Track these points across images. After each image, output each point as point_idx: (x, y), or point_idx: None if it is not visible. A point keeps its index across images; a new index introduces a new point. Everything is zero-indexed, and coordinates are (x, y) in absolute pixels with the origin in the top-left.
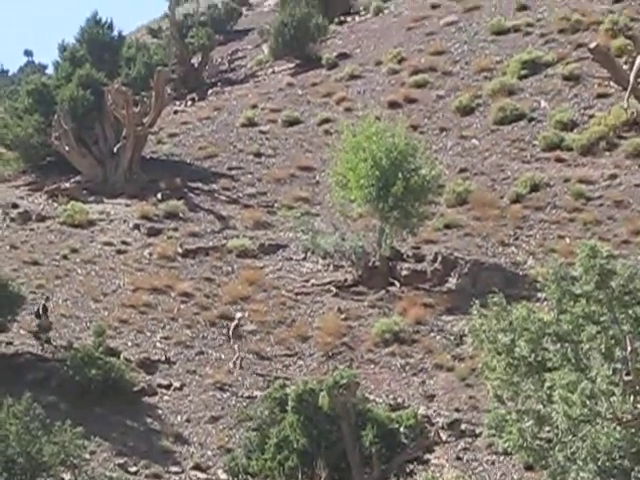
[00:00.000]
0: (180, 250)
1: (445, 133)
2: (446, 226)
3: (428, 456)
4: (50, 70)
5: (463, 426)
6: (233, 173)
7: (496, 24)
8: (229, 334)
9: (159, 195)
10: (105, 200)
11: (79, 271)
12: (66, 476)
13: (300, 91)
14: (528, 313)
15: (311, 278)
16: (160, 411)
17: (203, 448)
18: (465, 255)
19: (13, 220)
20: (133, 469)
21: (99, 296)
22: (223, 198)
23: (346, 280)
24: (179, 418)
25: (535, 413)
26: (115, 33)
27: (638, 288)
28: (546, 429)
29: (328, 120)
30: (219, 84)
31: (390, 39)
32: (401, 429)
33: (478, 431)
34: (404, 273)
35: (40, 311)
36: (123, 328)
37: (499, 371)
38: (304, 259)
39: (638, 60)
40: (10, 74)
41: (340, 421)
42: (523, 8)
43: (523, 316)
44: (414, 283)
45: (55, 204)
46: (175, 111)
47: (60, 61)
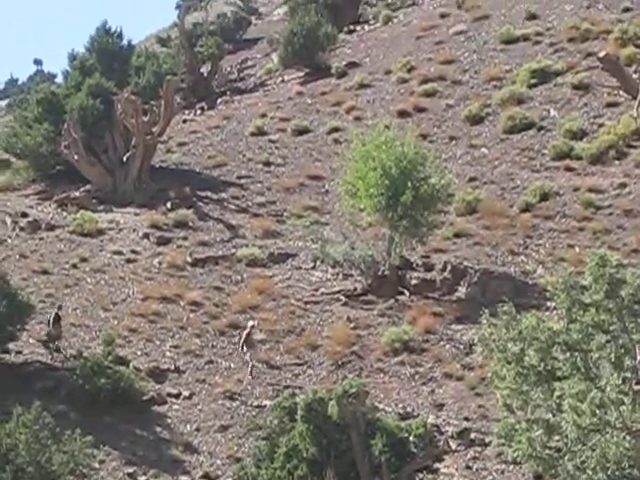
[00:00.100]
0: (189, 259)
1: (454, 142)
2: (455, 235)
3: (437, 465)
4: (59, 79)
5: (472, 435)
6: (242, 182)
7: (505, 33)
8: (241, 343)
9: (168, 204)
10: (114, 209)
11: (88, 280)
12: None
13: (309, 100)
14: (538, 322)
15: (320, 287)
16: (169, 420)
17: (212, 457)
18: (474, 264)
19: (22, 229)
20: (142, 478)
21: (108, 305)
22: (232, 207)
23: (355, 289)
24: (188, 427)
25: (544, 422)
26: (124, 42)
27: None
28: (555, 438)
29: (337, 129)
30: (228, 93)
31: (399, 48)
32: (410, 438)
33: (487, 440)
34: (413, 282)
35: (52, 320)
36: (132, 337)
37: (508, 380)
38: (313, 268)
39: None
40: (20, 83)
41: (349, 430)
42: (532, 17)
43: (533, 325)
44: (423, 292)
45: (64, 213)
46: (184, 120)
47: (70, 70)
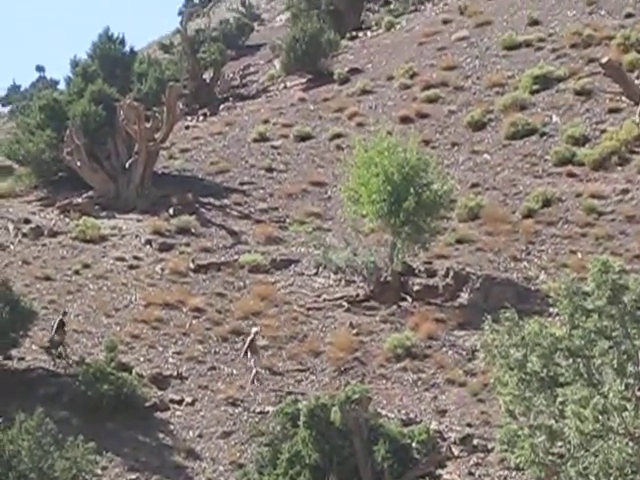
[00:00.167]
0: (192, 265)
1: (457, 148)
2: (458, 241)
3: (440, 471)
4: (62, 85)
5: (475, 441)
6: (245, 188)
7: (508, 39)
8: (245, 349)
9: (171, 210)
10: (117, 215)
11: (91, 286)
12: None
13: (312, 106)
14: (540, 328)
15: (323, 293)
16: (172, 426)
17: (215, 463)
18: (477, 270)
19: (25, 235)
20: None
21: (111, 311)
22: (235, 213)
23: (358, 295)
24: (191, 433)
25: (547, 428)
26: (127, 49)
27: None
28: (558, 444)
29: (340, 135)
30: (231, 99)
31: (402, 54)
32: (413, 444)
33: (490, 446)
34: (416, 288)
35: (57, 326)
36: (135, 343)
37: (511, 386)
38: (316, 274)
39: None
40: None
41: (352, 436)
42: (535, 23)
43: (535, 331)
44: (426, 298)
45: (67, 219)
46: (187, 126)
47: (72, 76)
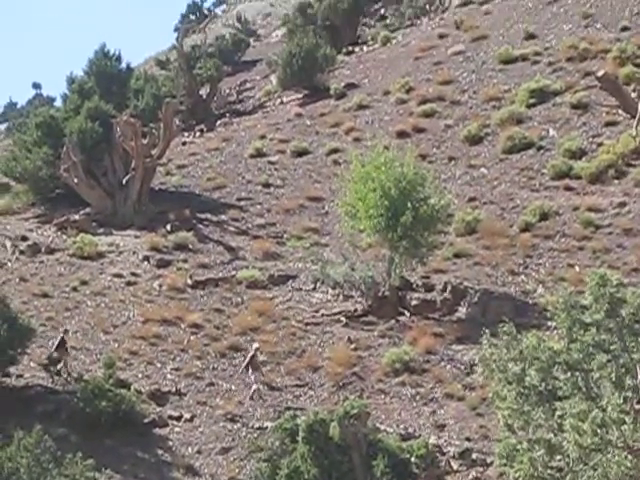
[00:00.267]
0: (190, 281)
1: (454, 162)
2: (455, 255)
3: None
4: (58, 102)
5: (474, 455)
6: (242, 204)
7: (504, 53)
8: (245, 365)
9: (168, 226)
10: (114, 232)
11: (89, 303)
12: None
13: (308, 121)
14: (538, 342)
15: (321, 308)
16: (171, 443)
17: (214, 479)
18: (475, 284)
19: (22, 252)
20: None
21: (109, 328)
22: (232, 229)
23: (356, 310)
24: (190, 449)
25: (546, 442)
26: (123, 65)
27: None
28: (557, 458)
29: (337, 150)
30: (227, 115)
31: (398, 69)
32: (412, 459)
33: (489, 460)
34: (414, 303)
35: (58, 343)
36: (133, 360)
37: (510, 400)
38: (314, 289)
39: None
40: (19, 107)
41: (351, 451)
42: (531, 37)
43: (533, 345)
44: (424, 313)
45: (64, 236)
46: (184, 142)
47: (68, 93)
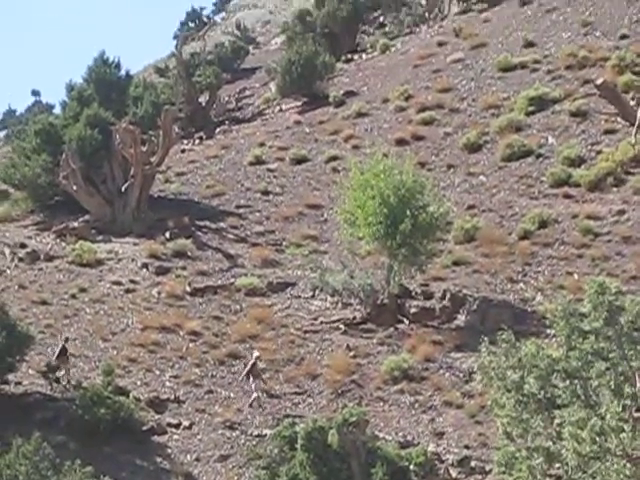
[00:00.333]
0: (188, 289)
1: (453, 170)
2: (454, 263)
3: None
4: (57, 110)
5: (473, 463)
6: (241, 211)
7: (503, 61)
8: (246, 373)
9: (167, 234)
10: (113, 239)
11: (88, 310)
12: None
13: (307, 129)
14: (537, 350)
15: (320, 316)
16: (169, 450)
17: None
18: (474, 292)
19: (21, 260)
20: None
21: (108, 335)
22: (231, 236)
23: (355, 318)
24: (189, 457)
25: (545, 450)
26: (122, 72)
27: None
28: (556, 466)
29: (336, 158)
30: (227, 122)
31: (397, 77)
32: (411, 467)
33: (488, 468)
34: (413, 310)
35: (59, 352)
36: (132, 367)
37: (508, 408)
38: (313, 297)
39: None
40: (18, 114)
41: (350, 459)
42: (530, 45)
43: (532, 353)
44: (423, 320)
45: (63, 243)
46: (183, 150)
47: (67, 101)
